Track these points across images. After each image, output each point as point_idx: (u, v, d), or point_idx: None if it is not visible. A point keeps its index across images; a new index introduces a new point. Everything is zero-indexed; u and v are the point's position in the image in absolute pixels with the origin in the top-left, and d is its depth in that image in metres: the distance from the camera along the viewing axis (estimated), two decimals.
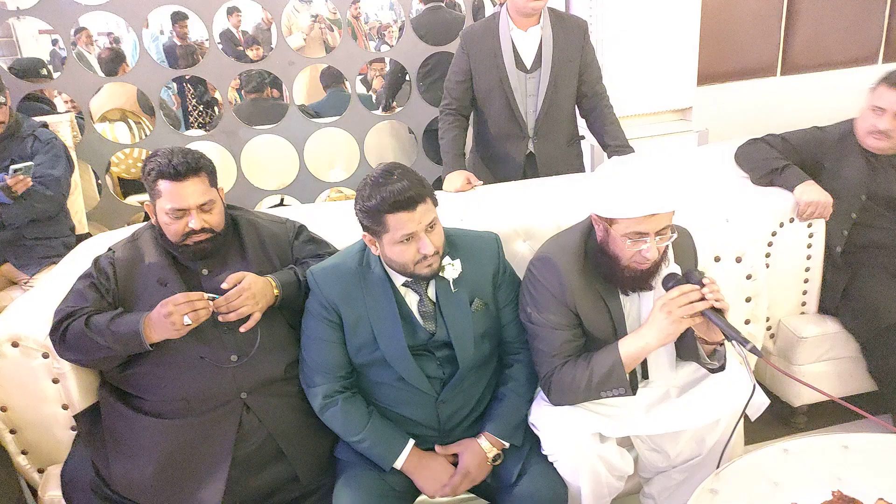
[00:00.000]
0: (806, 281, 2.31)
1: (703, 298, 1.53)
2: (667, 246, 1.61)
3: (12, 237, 2.81)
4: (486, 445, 1.68)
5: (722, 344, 1.68)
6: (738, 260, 1.93)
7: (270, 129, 3.58)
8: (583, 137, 2.72)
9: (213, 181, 1.77)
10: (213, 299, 1.65)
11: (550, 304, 1.66)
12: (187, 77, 5.56)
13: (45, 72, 3.43)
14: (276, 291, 1.72)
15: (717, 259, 1.94)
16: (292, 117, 3.57)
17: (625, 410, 1.71)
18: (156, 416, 1.67)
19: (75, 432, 1.81)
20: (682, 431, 1.74)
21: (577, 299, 1.65)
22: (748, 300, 1.98)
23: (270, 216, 1.99)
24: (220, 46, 3.95)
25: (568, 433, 1.62)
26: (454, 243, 1.73)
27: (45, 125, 3.04)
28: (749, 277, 1.95)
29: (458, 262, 1.69)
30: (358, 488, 1.63)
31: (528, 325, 1.71)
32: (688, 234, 1.81)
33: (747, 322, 2.04)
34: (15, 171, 2.67)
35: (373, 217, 1.57)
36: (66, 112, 3.35)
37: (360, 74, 5.50)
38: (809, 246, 2.26)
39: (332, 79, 4.93)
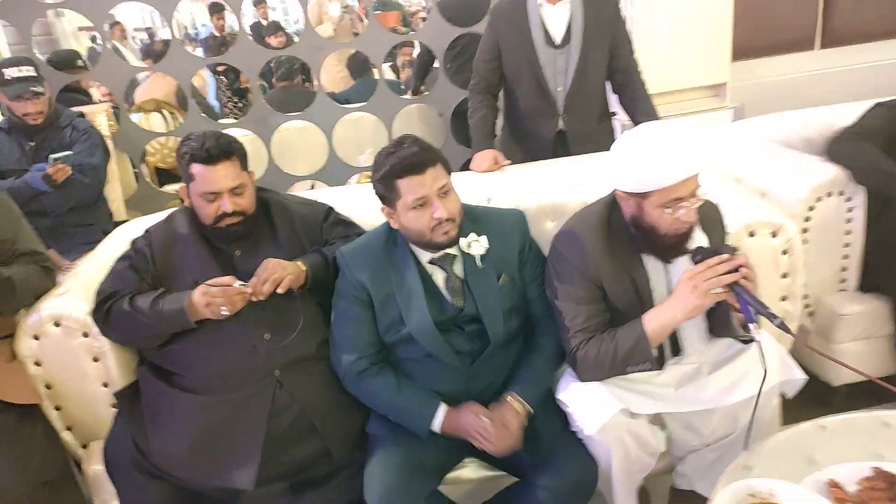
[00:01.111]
0: (846, 257, 2.24)
1: (730, 272, 1.50)
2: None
3: (54, 224, 2.89)
4: (517, 405, 1.68)
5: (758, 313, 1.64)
6: (774, 234, 1.89)
7: (300, 116, 3.61)
8: (614, 114, 2.68)
9: (244, 165, 1.80)
10: (244, 286, 1.69)
11: (574, 277, 1.65)
12: (220, 69, 5.64)
13: (80, 63, 3.51)
14: (303, 269, 1.75)
15: (751, 234, 1.89)
16: (321, 103, 3.60)
17: (655, 387, 1.70)
18: (192, 393, 1.72)
19: (116, 409, 1.86)
20: (714, 409, 1.72)
21: (601, 272, 1.64)
22: (784, 276, 1.93)
23: (300, 198, 2.02)
24: (251, 36, 3.98)
25: (597, 409, 1.61)
26: (479, 219, 1.74)
27: (83, 115, 3.12)
28: (785, 252, 1.90)
29: (483, 239, 1.70)
30: (389, 463, 1.65)
31: (553, 301, 1.70)
32: (715, 207, 1.78)
33: (783, 298, 1.99)
34: (55, 160, 2.74)
35: (386, 184, 1.61)
36: (103, 102, 3.42)
37: (388, 62, 5.51)
38: (849, 221, 2.19)
39: (360, 66, 4.94)
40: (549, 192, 2.13)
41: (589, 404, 1.63)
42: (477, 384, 1.72)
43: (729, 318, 1.66)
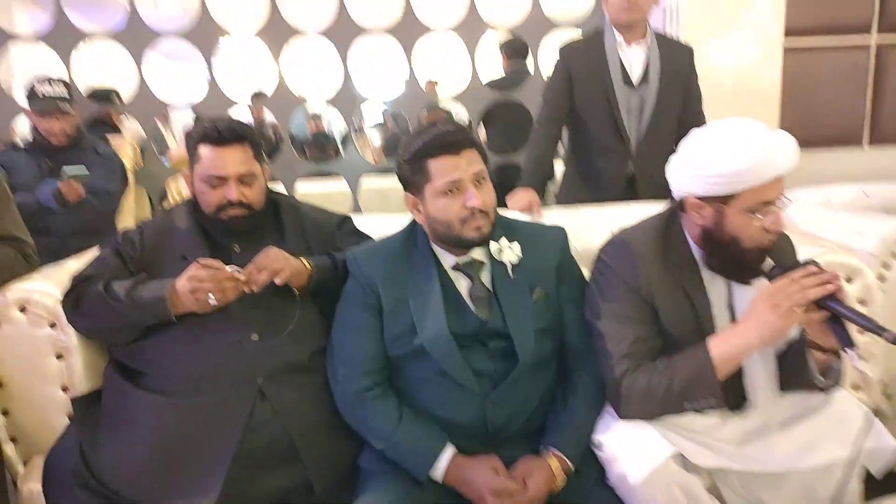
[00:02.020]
0: None
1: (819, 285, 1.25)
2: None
3: (57, 245, 2.72)
4: (556, 467, 1.38)
5: (838, 355, 1.37)
6: (849, 279, 1.64)
7: (327, 168, 3.53)
8: None
9: (257, 154, 1.63)
10: (238, 271, 1.47)
11: (621, 292, 1.40)
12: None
13: (115, 100, 3.52)
14: (308, 268, 1.53)
15: None
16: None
17: (715, 441, 1.39)
18: (159, 394, 1.45)
19: (69, 420, 1.59)
20: (785, 476, 1.40)
21: (654, 288, 1.39)
22: (860, 331, 1.65)
23: (315, 206, 1.83)
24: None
25: (645, 453, 1.30)
26: (515, 229, 1.53)
27: (107, 141, 3.05)
28: (862, 303, 1.64)
29: (516, 246, 1.48)
30: (383, 497, 1.34)
31: (594, 323, 1.44)
32: (786, 237, 1.55)
33: (856, 387, 1.71)
34: (69, 176, 2.63)
35: (414, 164, 1.41)
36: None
37: None
38: None
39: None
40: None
41: (635, 448, 1.32)
42: (496, 415, 1.42)
43: (805, 362, 1.38)
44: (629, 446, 1.33)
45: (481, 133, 3.69)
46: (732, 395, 1.46)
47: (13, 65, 4.35)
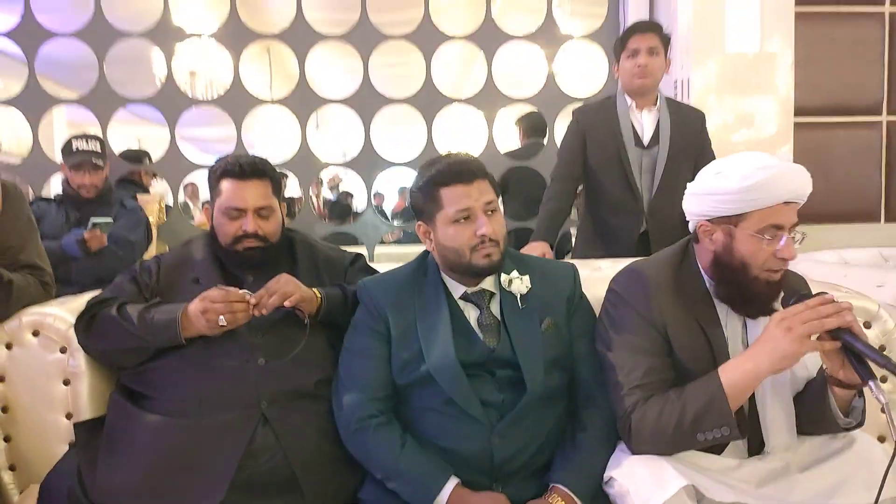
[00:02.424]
0: None
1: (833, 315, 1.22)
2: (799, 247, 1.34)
3: (77, 293, 2.77)
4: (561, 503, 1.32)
5: (860, 394, 1.32)
6: (868, 324, 1.60)
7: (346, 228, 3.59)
8: None
9: (276, 190, 1.69)
10: (249, 295, 1.49)
11: (634, 323, 1.38)
12: None
13: (147, 161, 3.66)
14: (318, 298, 1.54)
15: None
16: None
17: (733, 481, 1.33)
18: (162, 415, 1.43)
19: (68, 446, 1.57)
20: None
21: (667, 319, 1.37)
22: (884, 379, 1.60)
23: (329, 244, 1.86)
24: None
25: (653, 485, 1.24)
26: (525, 263, 1.54)
27: (135, 197, 3.16)
28: (883, 349, 1.59)
29: (526, 278, 1.48)
30: None
31: (605, 355, 1.41)
32: (801, 278, 1.54)
33: (880, 439, 1.64)
34: (94, 224, 2.72)
35: (427, 193, 1.44)
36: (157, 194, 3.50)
37: None
38: None
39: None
40: None
41: (647, 481, 1.26)
42: (503, 448, 1.38)
43: (826, 402, 1.34)
44: (641, 480, 1.27)
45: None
46: (751, 439, 1.42)
47: (56, 124, 4.57)
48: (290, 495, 1.37)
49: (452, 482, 1.34)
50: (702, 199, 1.37)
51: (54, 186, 3.72)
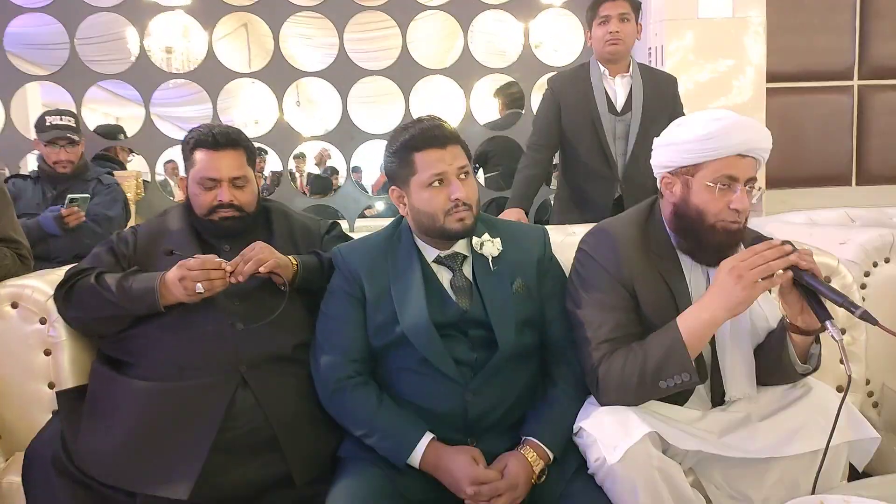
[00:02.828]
0: None
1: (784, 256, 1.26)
2: (756, 202, 1.39)
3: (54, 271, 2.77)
4: (533, 457, 1.37)
5: (817, 340, 1.38)
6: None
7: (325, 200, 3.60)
8: None
9: (250, 160, 1.71)
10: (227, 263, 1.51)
11: (602, 281, 1.42)
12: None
13: (121, 137, 3.64)
14: (294, 265, 1.57)
15: None
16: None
17: (696, 430, 1.39)
18: (142, 380, 1.46)
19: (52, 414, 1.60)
20: (767, 470, 1.39)
21: (634, 276, 1.42)
22: (841, 361, 1.65)
23: (305, 213, 1.89)
24: None
25: (619, 433, 1.29)
26: (497, 226, 1.57)
27: (111, 173, 3.15)
28: (842, 331, 1.64)
29: (498, 241, 1.51)
30: (359, 491, 1.33)
31: (575, 312, 1.46)
32: (760, 234, 1.58)
33: (839, 389, 1.70)
34: (72, 200, 2.71)
35: (401, 157, 1.46)
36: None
37: None
38: None
39: None
40: None
41: (613, 429, 1.32)
42: (476, 404, 1.43)
43: (785, 349, 1.39)
44: (608, 428, 1.32)
45: (479, 176, 3.78)
46: (714, 390, 1.47)
47: (29, 102, 4.52)
48: (271, 455, 1.41)
49: (428, 437, 1.38)
50: (663, 150, 1.43)
51: (30, 164, 3.70)
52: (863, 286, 1.89)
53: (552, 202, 2.74)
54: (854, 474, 1.47)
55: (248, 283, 1.53)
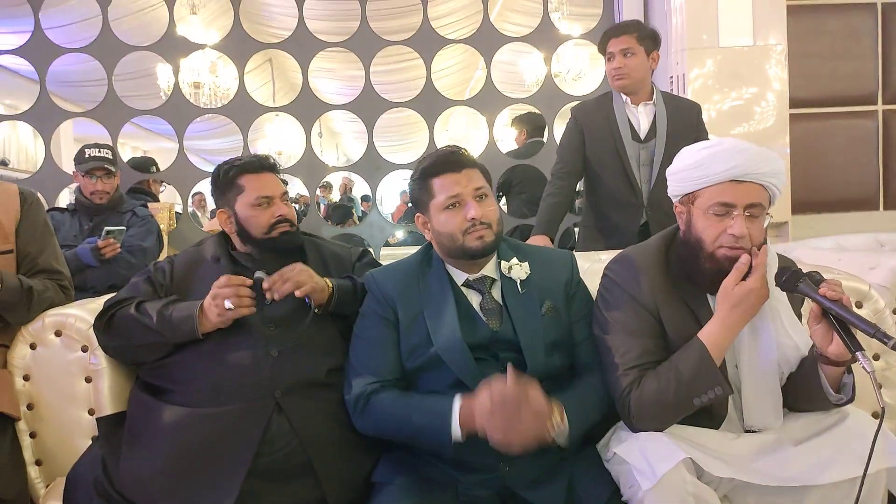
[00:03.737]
0: None
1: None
2: (763, 236, 1.39)
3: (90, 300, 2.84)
4: (555, 411, 1.37)
5: (849, 370, 1.37)
6: (859, 304, 1.65)
7: (352, 229, 3.65)
8: None
9: (283, 181, 1.79)
10: (262, 280, 1.56)
11: (627, 306, 1.44)
12: None
13: (154, 169, 3.75)
14: (329, 287, 1.61)
15: None
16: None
17: (729, 457, 1.38)
18: (180, 406, 1.50)
19: (92, 441, 1.64)
20: (804, 498, 1.37)
21: (658, 300, 1.43)
22: (876, 357, 1.65)
23: (335, 241, 1.93)
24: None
25: (654, 459, 1.29)
26: (523, 250, 1.61)
27: (145, 205, 3.24)
28: (876, 357, 1.64)
29: (526, 264, 1.54)
30: None
31: (602, 338, 1.47)
32: (790, 261, 1.59)
33: (874, 415, 1.69)
34: (108, 232, 2.79)
35: (421, 184, 1.53)
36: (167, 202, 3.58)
37: None
38: None
39: None
40: None
41: (648, 455, 1.32)
42: None
43: (817, 378, 1.39)
44: (641, 454, 1.32)
45: (503, 204, 3.82)
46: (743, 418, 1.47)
47: (63, 139, 4.68)
48: (306, 480, 1.43)
49: (458, 401, 1.38)
50: (670, 179, 1.46)
51: (64, 199, 3.82)
52: (895, 312, 1.87)
53: (576, 230, 2.76)
54: (893, 502, 1.45)
55: (284, 307, 1.57)
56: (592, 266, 1.82)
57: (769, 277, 1.39)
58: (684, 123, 2.53)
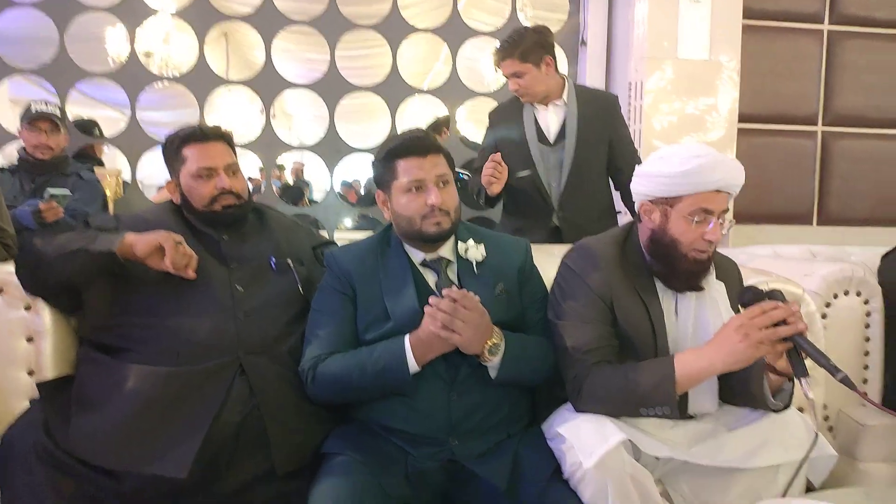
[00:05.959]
0: (866, 367, 2.06)
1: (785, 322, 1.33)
2: (726, 234, 1.47)
3: None
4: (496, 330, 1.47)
5: (790, 379, 1.46)
6: None
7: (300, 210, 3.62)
8: (620, 212, 2.66)
9: (234, 151, 1.76)
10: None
11: (584, 295, 1.50)
12: None
13: (97, 132, 3.64)
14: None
15: None
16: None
17: (667, 439, 1.46)
18: (141, 364, 1.48)
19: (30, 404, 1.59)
20: (732, 482, 1.47)
21: (614, 291, 1.49)
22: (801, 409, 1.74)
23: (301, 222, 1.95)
24: None
25: (595, 438, 1.35)
26: (480, 233, 1.66)
27: (92, 169, 3.13)
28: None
29: (482, 246, 1.59)
30: (342, 488, 1.36)
31: (556, 324, 1.53)
32: (732, 262, 1.68)
33: (800, 409, 1.80)
34: (52, 195, 2.68)
35: (385, 164, 1.55)
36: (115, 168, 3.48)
37: None
38: (868, 326, 2.05)
39: None
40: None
41: (590, 434, 1.38)
42: (461, 401, 1.48)
43: (760, 382, 1.46)
44: (584, 434, 1.38)
45: None
46: (681, 406, 1.54)
47: (4, 97, 4.45)
48: (258, 453, 1.44)
49: (407, 338, 1.45)
50: (643, 180, 1.51)
51: (8, 157, 3.65)
52: (823, 316, 2.00)
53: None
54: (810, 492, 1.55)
55: (252, 270, 1.62)
56: (548, 258, 1.88)
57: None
58: (599, 121, 2.48)
